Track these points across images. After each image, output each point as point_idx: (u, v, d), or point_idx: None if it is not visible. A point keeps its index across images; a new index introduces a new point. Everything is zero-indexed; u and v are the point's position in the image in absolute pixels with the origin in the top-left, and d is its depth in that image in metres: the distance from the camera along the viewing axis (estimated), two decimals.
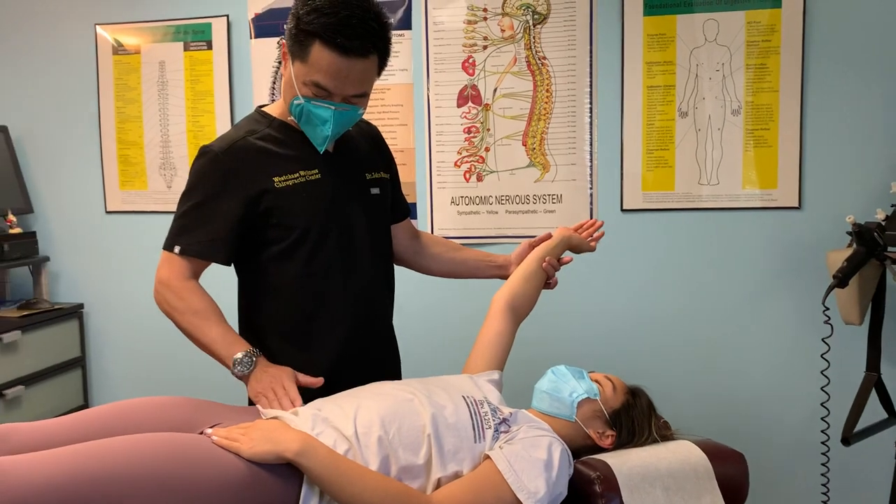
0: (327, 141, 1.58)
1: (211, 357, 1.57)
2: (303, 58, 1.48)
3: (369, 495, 1.26)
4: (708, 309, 2.60)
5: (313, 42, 1.46)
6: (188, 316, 1.56)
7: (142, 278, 3.01)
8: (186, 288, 1.56)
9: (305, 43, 1.47)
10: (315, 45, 1.46)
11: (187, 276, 1.57)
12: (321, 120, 1.54)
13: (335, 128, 1.55)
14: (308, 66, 1.48)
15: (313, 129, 1.56)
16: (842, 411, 2.12)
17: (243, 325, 1.70)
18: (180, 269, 1.57)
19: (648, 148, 2.59)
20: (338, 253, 1.63)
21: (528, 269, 1.81)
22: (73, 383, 3.04)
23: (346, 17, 1.44)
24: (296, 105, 1.54)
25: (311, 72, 1.48)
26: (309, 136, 1.59)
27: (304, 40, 1.47)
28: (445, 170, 2.74)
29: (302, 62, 1.49)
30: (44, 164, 3.10)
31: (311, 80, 1.49)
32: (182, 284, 1.56)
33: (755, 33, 2.47)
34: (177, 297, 1.56)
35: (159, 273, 1.59)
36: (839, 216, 2.32)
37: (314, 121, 1.54)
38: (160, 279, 1.58)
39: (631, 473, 1.40)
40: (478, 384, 1.55)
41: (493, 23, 2.66)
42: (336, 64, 1.47)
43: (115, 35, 2.97)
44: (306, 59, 1.48)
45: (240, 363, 1.51)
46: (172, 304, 1.57)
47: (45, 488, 1.12)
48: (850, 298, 2.16)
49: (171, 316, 1.58)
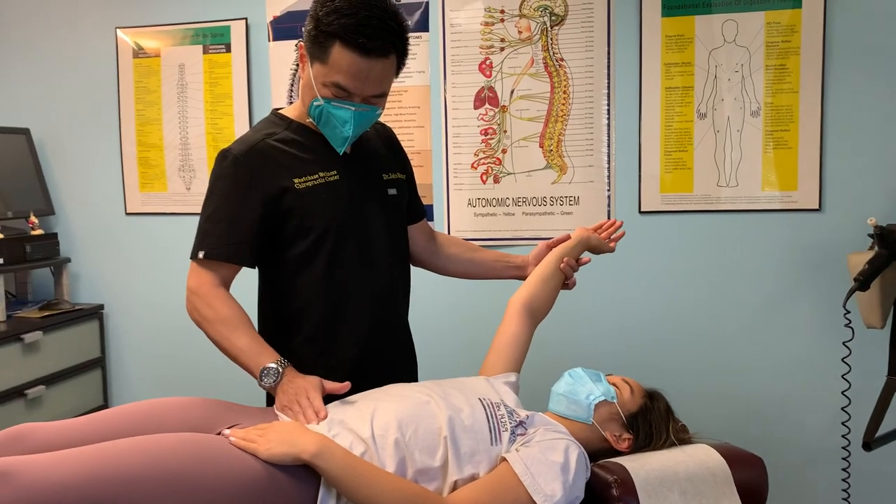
0: (347, 142, 1.58)
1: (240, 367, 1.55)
2: (322, 59, 1.49)
3: (386, 497, 1.26)
4: (727, 312, 2.58)
5: (333, 43, 1.46)
6: (216, 325, 1.53)
7: (161, 279, 3.04)
8: (215, 296, 1.54)
9: (325, 44, 1.47)
10: (335, 46, 1.46)
11: (216, 283, 1.55)
12: (341, 121, 1.54)
13: (355, 129, 1.55)
14: (328, 67, 1.49)
15: (333, 131, 1.57)
16: (863, 416, 2.09)
17: (262, 327, 1.70)
18: (209, 277, 1.55)
19: (666, 149, 2.57)
20: (356, 254, 1.63)
21: (545, 270, 1.80)
22: (93, 383, 3.07)
23: (365, 18, 1.44)
24: (315, 107, 1.54)
25: (331, 73, 1.49)
26: (328, 138, 1.60)
27: (324, 41, 1.47)
28: (462, 171, 2.74)
29: (322, 63, 1.49)
30: (65, 167, 3.13)
31: (332, 81, 1.50)
32: (211, 292, 1.54)
33: (775, 34, 2.45)
34: (206, 305, 1.54)
35: (189, 282, 1.57)
36: (860, 218, 2.30)
37: (334, 122, 1.55)
38: (190, 288, 1.57)
39: (648, 477, 1.40)
40: (494, 386, 1.55)
41: (510, 24, 2.65)
42: (357, 64, 1.47)
43: (136, 38, 3.00)
44: (326, 60, 1.48)
45: (266, 375, 1.49)
46: (202, 313, 1.55)
47: (61, 488, 1.13)
48: (872, 301, 2.14)
49: (201, 325, 1.56)
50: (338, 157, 1.63)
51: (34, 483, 1.13)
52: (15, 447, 1.28)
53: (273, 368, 1.49)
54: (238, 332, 1.52)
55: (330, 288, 1.61)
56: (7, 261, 2.77)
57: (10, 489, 1.11)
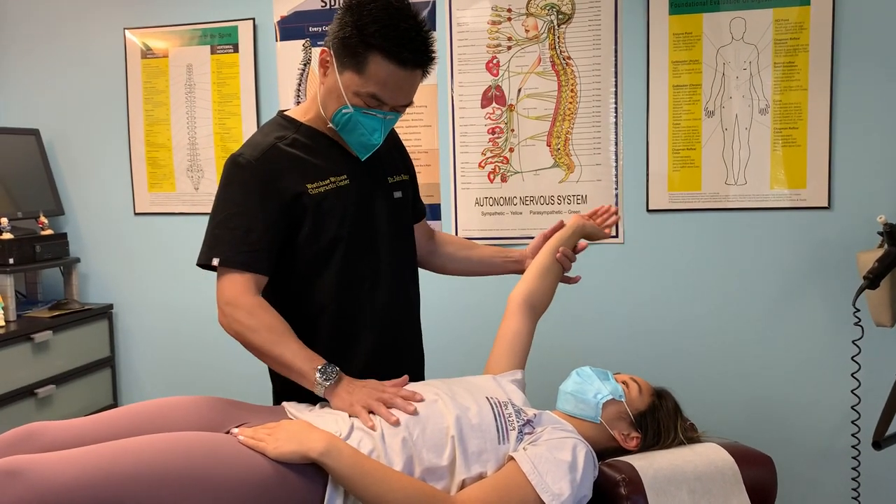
0: (373, 149, 1.59)
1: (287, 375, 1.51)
2: (359, 69, 1.48)
3: (393, 495, 1.26)
4: (736, 310, 2.57)
5: (372, 54, 1.46)
6: (263, 333, 1.49)
7: (170, 279, 3.06)
8: (256, 304, 1.50)
9: (364, 54, 1.46)
10: (374, 57, 1.46)
11: (253, 292, 1.51)
12: (370, 129, 1.54)
13: (383, 136, 1.57)
14: (364, 77, 1.48)
15: (359, 138, 1.56)
16: (873, 415, 2.08)
17: None
18: (245, 286, 1.51)
19: (674, 148, 2.56)
20: (367, 257, 1.63)
21: (542, 263, 1.79)
22: (102, 383, 3.09)
23: (405, 31, 1.45)
24: (343, 114, 1.53)
25: (367, 83, 1.48)
26: (350, 143, 1.59)
27: (363, 52, 1.46)
28: (469, 171, 2.73)
29: (357, 73, 1.48)
30: (74, 167, 3.15)
31: (367, 92, 1.49)
32: (251, 301, 1.50)
33: (783, 31, 2.44)
34: (247, 314, 1.49)
35: (222, 294, 1.52)
36: (870, 216, 2.29)
37: (362, 129, 1.54)
38: (225, 300, 1.51)
39: (657, 476, 1.39)
40: (501, 385, 1.55)
41: (517, 23, 2.65)
42: (395, 75, 1.48)
43: (144, 39, 3.01)
44: (363, 70, 1.47)
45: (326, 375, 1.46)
46: (244, 323, 1.49)
47: (71, 486, 1.14)
48: (882, 300, 2.13)
49: (243, 335, 1.51)
50: (347, 161, 1.62)
51: (44, 481, 1.13)
52: (25, 446, 1.29)
53: (332, 368, 1.47)
54: (286, 338, 1.50)
55: (341, 293, 1.61)
56: (17, 261, 2.78)
57: (21, 488, 1.12)
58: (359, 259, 1.62)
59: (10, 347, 2.64)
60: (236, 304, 1.50)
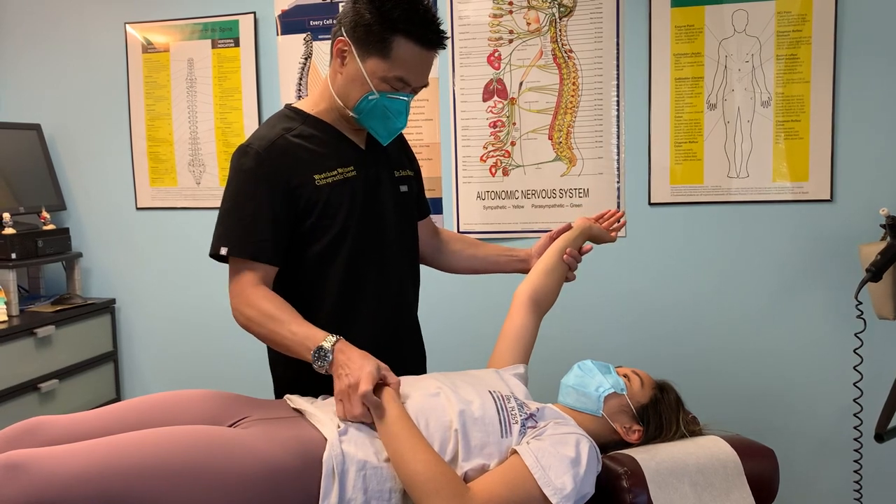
0: (398, 132, 1.61)
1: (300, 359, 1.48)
2: (383, 54, 1.49)
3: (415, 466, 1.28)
4: (738, 304, 2.57)
5: (395, 37, 1.47)
6: (263, 322, 1.49)
7: (172, 273, 3.06)
8: (254, 294, 1.50)
9: (387, 38, 1.47)
10: (398, 39, 1.48)
11: (255, 283, 1.51)
12: (396, 112, 1.56)
13: (407, 118, 1.59)
14: (390, 61, 1.49)
15: (385, 123, 1.58)
16: (875, 407, 2.08)
17: None
18: (251, 277, 1.52)
19: (676, 141, 2.56)
20: (372, 251, 1.64)
21: (548, 262, 1.80)
22: (105, 377, 3.09)
23: (424, 13, 1.48)
24: (370, 101, 1.54)
25: (393, 67, 1.50)
26: (374, 129, 1.60)
27: (387, 36, 1.47)
28: (471, 164, 2.73)
29: (382, 59, 1.49)
30: (76, 162, 3.15)
31: (395, 76, 1.51)
32: (253, 291, 1.50)
33: (785, 23, 2.43)
34: (247, 305, 1.50)
35: (231, 286, 1.54)
36: (872, 209, 2.28)
37: (388, 114, 1.56)
38: (232, 292, 1.53)
39: (659, 469, 1.39)
40: (504, 378, 1.55)
41: (518, 16, 2.64)
42: (420, 56, 1.51)
43: (145, 33, 3.00)
44: (388, 54, 1.49)
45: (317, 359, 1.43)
46: (245, 315, 1.51)
47: (74, 480, 1.14)
48: (884, 292, 2.12)
49: (248, 327, 1.52)
50: (354, 152, 1.63)
51: (47, 475, 1.14)
52: (28, 440, 1.30)
53: (323, 350, 1.43)
54: (282, 324, 1.47)
55: (345, 284, 1.61)
56: (19, 256, 2.78)
57: (24, 481, 1.12)
58: (365, 251, 1.62)
59: (12, 342, 2.65)
60: (240, 296, 1.52)
